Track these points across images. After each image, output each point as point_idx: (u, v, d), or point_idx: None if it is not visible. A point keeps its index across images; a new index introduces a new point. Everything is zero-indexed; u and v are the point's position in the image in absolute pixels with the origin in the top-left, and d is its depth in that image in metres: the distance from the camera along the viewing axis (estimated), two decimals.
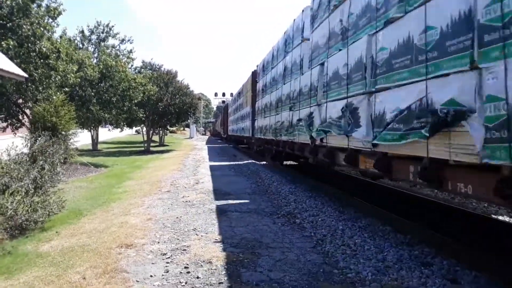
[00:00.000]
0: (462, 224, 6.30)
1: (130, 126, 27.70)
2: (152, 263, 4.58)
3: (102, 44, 27.04)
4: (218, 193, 9.37)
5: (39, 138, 8.89)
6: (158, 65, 32.03)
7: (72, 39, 23.74)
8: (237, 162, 17.54)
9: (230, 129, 34.01)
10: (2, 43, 11.67)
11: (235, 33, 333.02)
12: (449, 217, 6.79)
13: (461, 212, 7.10)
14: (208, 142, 44.55)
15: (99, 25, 26.95)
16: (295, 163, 14.90)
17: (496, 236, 5.72)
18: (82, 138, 17.70)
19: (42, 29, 12.91)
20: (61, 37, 18.44)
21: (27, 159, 7.42)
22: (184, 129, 71.38)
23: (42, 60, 12.93)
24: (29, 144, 9.29)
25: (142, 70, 30.71)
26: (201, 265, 4.50)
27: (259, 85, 16.61)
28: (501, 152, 2.85)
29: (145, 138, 28.50)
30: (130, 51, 28.48)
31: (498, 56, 2.90)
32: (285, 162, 15.10)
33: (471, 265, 4.27)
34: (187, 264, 4.50)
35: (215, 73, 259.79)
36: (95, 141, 26.68)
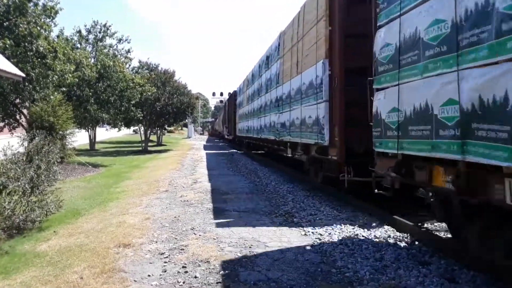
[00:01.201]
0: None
1: (127, 126, 27.63)
2: (150, 263, 4.57)
3: (100, 43, 26.96)
4: (216, 193, 9.36)
5: (36, 138, 8.86)
6: (154, 64, 31.98)
7: (69, 38, 23.66)
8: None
9: (241, 128, 23.06)
10: None
11: (234, 32, 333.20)
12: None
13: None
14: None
15: (96, 25, 26.87)
16: None
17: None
18: (79, 138, 17.66)
19: (38, 28, 12.86)
20: (58, 36, 18.40)
21: (24, 159, 7.38)
22: (182, 129, 71.36)
23: (39, 60, 12.89)
24: (24, 144, 9.25)
25: (139, 70, 30.62)
26: (199, 264, 4.49)
27: None
28: None
29: (143, 138, 28.44)
30: (128, 51, 28.41)
31: None
32: None
33: (468, 264, 4.27)
34: (185, 264, 4.49)
35: (213, 73, 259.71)
36: (92, 141, 26.63)
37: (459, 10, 3.68)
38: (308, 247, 5.14)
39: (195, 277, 4.12)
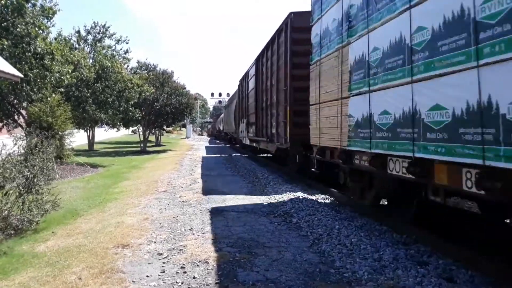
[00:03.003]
0: (457, 224, 6.32)
1: (126, 126, 27.61)
2: (149, 263, 4.57)
3: (98, 44, 26.94)
4: (215, 193, 9.35)
5: (29, 137, 8.83)
6: (153, 65, 31.98)
7: (68, 39, 23.63)
8: None
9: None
10: None
11: (232, 34, 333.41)
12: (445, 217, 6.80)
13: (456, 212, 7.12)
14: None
15: (95, 26, 26.85)
16: None
17: (492, 235, 5.74)
18: (78, 138, 17.63)
19: (36, 29, 12.84)
20: (55, 38, 18.39)
21: (20, 159, 7.35)
22: (180, 129, 71.28)
23: (37, 61, 12.88)
24: (18, 143, 9.22)
25: (137, 70, 30.61)
26: (197, 265, 4.49)
27: None
28: None
29: (142, 138, 28.42)
30: (126, 51, 28.38)
31: None
32: None
33: (467, 264, 4.28)
34: (184, 264, 4.49)
35: (212, 74, 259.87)
36: (91, 141, 26.60)
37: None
38: (306, 247, 5.15)
39: (194, 277, 4.12)
